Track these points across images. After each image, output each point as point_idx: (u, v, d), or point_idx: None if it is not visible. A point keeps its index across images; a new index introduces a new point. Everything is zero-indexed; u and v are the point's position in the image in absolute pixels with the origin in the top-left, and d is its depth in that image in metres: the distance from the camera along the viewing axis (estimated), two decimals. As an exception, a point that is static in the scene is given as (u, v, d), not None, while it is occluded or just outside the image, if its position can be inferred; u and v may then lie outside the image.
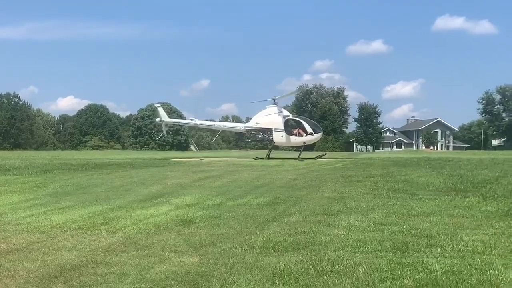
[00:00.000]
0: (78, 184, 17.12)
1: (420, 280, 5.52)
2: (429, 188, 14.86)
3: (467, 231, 8.15)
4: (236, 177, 19.96)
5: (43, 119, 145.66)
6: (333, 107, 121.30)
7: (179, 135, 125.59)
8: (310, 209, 10.79)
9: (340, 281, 5.54)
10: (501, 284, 5.39)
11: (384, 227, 8.51)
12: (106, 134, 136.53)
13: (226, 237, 7.96)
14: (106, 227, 8.87)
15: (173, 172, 23.45)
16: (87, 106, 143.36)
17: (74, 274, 5.97)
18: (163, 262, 6.46)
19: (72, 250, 7.18)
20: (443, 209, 10.68)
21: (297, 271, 5.90)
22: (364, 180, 17.76)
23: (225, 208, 11.12)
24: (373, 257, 6.52)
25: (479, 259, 6.36)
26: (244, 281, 5.60)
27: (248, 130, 43.68)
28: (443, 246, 7.06)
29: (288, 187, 15.72)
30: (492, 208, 10.74)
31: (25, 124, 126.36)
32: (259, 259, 6.53)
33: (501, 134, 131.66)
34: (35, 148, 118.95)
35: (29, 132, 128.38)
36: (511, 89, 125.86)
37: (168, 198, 12.92)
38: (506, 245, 7.17)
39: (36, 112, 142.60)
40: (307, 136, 42.45)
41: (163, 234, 8.26)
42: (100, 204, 11.92)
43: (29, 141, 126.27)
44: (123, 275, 5.92)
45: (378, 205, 11.22)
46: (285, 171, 23.96)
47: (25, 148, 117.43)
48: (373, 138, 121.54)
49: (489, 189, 14.04)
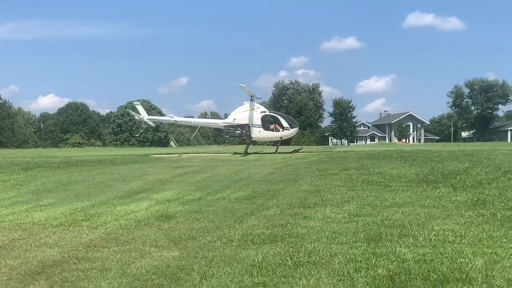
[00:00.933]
0: (60, 181, 17.09)
1: (394, 269, 5.65)
2: (401, 180, 15.04)
3: (438, 221, 8.32)
4: (215, 172, 20.04)
5: (24, 117, 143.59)
6: (309, 103, 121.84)
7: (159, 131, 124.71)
8: (287, 202, 10.93)
9: (316, 271, 5.65)
10: (471, 271, 5.51)
11: (358, 219, 8.68)
12: (87, 131, 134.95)
13: (206, 231, 8.07)
14: (88, 223, 8.94)
15: (153, 168, 23.42)
16: (67, 104, 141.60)
17: (56, 270, 6.04)
18: (144, 256, 6.56)
19: (54, 246, 7.26)
20: (415, 200, 10.85)
21: (274, 263, 6.01)
22: (339, 173, 17.92)
23: (204, 203, 11.23)
24: (348, 248, 6.65)
25: (449, 248, 6.51)
26: (223, 273, 5.70)
27: (226, 126, 43.87)
28: (415, 236, 7.21)
29: (265, 181, 15.84)
30: (461, 198, 10.91)
31: (6, 122, 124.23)
32: (237, 252, 6.65)
33: (470, 126, 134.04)
34: (16, 146, 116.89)
35: (11, 131, 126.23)
36: (479, 83, 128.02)
37: (148, 194, 12.99)
38: (475, 233, 7.31)
39: (17, 111, 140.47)
40: (283, 131, 42.72)
41: (143, 229, 8.36)
42: (81, 200, 11.96)
43: (11, 140, 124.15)
44: (104, 270, 6.01)
45: (352, 197, 11.40)
46: (262, 165, 24.06)
47: (7, 146, 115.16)
48: (348, 132, 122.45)
49: (459, 180, 14.20)
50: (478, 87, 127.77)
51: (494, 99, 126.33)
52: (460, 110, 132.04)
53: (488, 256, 6.12)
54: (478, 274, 5.44)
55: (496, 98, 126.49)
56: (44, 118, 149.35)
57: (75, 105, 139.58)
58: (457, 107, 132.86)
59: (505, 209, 9.29)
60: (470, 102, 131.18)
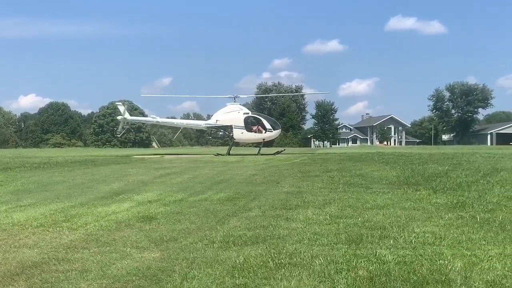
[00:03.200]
0: (40, 182, 16.92)
1: (374, 270, 5.66)
2: (382, 182, 15.18)
3: (418, 223, 8.38)
4: (197, 173, 20.01)
5: (5, 117, 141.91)
6: (292, 105, 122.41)
7: (141, 132, 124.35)
8: (269, 203, 10.94)
9: (297, 273, 5.66)
10: (450, 273, 5.54)
11: (340, 220, 8.71)
12: (68, 131, 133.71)
13: (187, 232, 8.04)
14: (68, 224, 8.85)
15: (135, 169, 23.33)
16: (48, 104, 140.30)
17: (36, 271, 5.96)
18: (125, 258, 6.51)
19: (33, 247, 7.17)
20: (396, 202, 10.92)
21: (256, 264, 6.00)
22: (321, 175, 18.03)
23: (186, 204, 11.19)
24: (329, 249, 6.67)
25: (429, 250, 6.55)
26: (204, 275, 5.67)
27: (209, 127, 43.94)
28: (395, 238, 7.25)
29: (248, 183, 15.86)
30: (441, 200, 11.02)
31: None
32: (219, 253, 6.63)
33: (450, 129, 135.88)
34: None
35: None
36: (460, 86, 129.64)
37: (129, 195, 12.90)
38: (455, 236, 7.37)
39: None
40: (266, 132, 42.92)
41: (124, 230, 8.30)
42: (61, 201, 11.84)
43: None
44: (84, 271, 5.94)
45: (334, 199, 11.44)
46: (245, 167, 24.10)
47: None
48: (330, 134, 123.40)
49: (439, 182, 14.34)
50: (459, 90, 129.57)
51: (474, 102, 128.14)
52: (441, 114, 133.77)
53: (467, 258, 6.16)
54: (457, 276, 5.47)
55: (476, 102, 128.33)
56: (24, 118, 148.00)
57: (56, 105, 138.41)
58: (437, 110, 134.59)
59: (484, 212, 9.38)
60: (451, 105, 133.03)
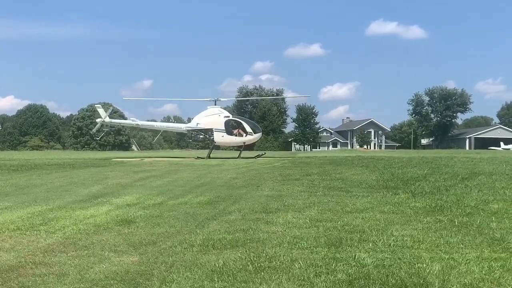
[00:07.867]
0: (17, 185, 16.70)
1: (353, 274, 5.68)
2: (362, 186, 15.25)
3: (397, 227, 8.42)
4: (177, 177, 19.92)
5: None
6: (273, 108, 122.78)
7: (121, 135, 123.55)
8: (249, 207, 10.92)
9: (277, 276, 5.65)
10: (428, 276, 5.58)
11: (319, 224, 8.73)
12: (46, 134, 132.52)
13: (166, 236, 8.00)
14: (45, 228, 8.73)
15: (114, 172, 23.13)
16: (26, 106, 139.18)
17: (12, 275, 5.89)
18: (103, 261, 6.45)
19: (10, 251, 7.07)
20: (375, 205, 10.98)
21: (235, 268, 5.99)
22: (302, 179, 18.06)
23: (165, 207, 11.12)
24: (308, 253, 6.68)
25: (408, 253, 6.58)
26: (183, 279, 5.65)
27: (190, 130, 43.77)
28: (374, 241, 7.28)
29: (228, 186, 15.83)
30: (420, 204, 11.09)
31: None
32: (198, 257, 6.60)
33: (429, 134, 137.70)
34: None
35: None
36: (439, 91, 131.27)
37: (108, 198, 12.78)
38: (433, 239, 7.42)
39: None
40: (247, 136, 42.89)
41: (103, 234, 8.22)
42: (39, 204, 11.68)
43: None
44: (62, 275, 5.88)
45: (314, 203, 11.46)
46: (225, 170, 24.06)
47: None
48: (311, 138, 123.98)
49: (418, 186, 14.45)
50: (438, 95, 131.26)
51: (453, 107, 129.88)
52: (420, 118, 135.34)
53: (445, 261, 6.21)
54: (435, 279, 5.50)
55: (455, 107, 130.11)
56: (2, 120, 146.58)
57: (34, 107, 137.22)
58: (417, 115, 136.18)
59: (462, 215, 9.46)
60: (430, 110, 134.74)
